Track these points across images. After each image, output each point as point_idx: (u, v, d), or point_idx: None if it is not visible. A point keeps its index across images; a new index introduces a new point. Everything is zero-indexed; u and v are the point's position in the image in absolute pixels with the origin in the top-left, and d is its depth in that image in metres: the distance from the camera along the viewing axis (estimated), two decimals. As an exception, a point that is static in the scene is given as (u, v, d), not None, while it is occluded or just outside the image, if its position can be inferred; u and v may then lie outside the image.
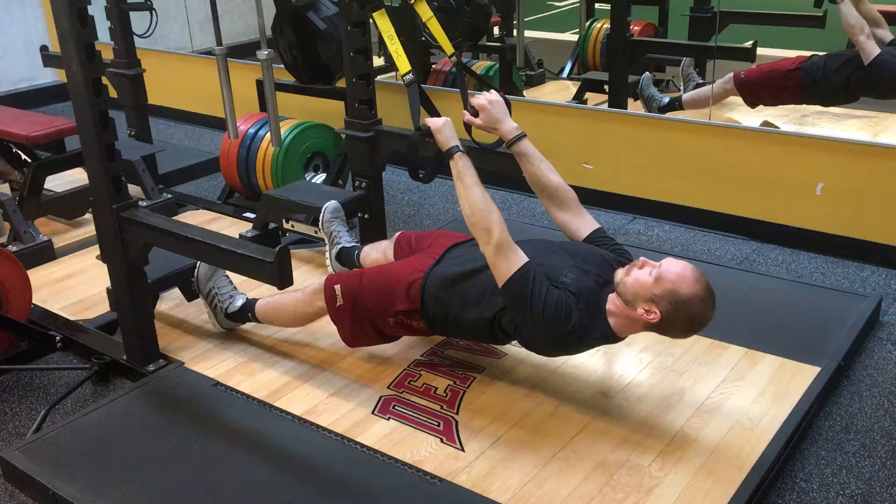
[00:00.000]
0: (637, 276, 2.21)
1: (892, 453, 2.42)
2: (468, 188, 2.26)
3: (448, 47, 2.57)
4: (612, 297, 2.26)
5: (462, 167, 2.30)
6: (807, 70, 4.31)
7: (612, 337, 2.28)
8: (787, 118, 4.57)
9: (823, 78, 4.26)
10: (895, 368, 2.83)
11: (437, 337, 2.87)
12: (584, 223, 2.52)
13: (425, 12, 2.70)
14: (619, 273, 2.26)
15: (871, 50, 4.06)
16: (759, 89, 4.46)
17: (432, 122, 2.40)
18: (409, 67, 2.59)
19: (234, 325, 2.94)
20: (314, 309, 2.68)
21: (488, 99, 2.46)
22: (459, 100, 2.62)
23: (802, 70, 4.32)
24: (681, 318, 2.17)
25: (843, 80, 4.20)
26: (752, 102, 4.53)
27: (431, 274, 2.50)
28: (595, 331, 2.24)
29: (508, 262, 2.20)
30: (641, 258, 2.27)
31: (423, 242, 2.77)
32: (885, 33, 4.18)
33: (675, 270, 2.17)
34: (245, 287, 2.95)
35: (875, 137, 4.20)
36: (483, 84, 2.76)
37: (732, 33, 4.95)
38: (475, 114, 2.48)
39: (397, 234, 2.93)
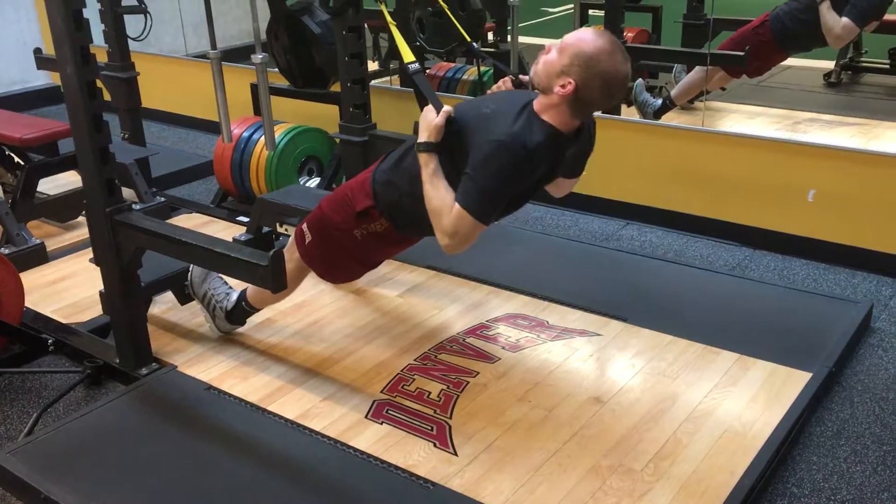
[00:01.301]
0: (544, 59, 2.21)
1: (883, 459, 2.43)
2: (423, 185, 2.26)
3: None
4: (536, 100, 2.24)
5: (421, 164, 2.28)
6: (774, 18, 4.41)
7: (556, 133, 2.20)
8: (779, 125, 4.60)
9: (792, 20, 4.33)
10: (886, 374, 2.84)
11: (431, 341, 2.88)
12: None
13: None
14: (532, 69, 2.25)
15: (852, 31, 4.17)
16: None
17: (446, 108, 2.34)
18: (412, 57, 2.58)
19: (232, 327, 2.93)
20: (294, 264, 2.64)
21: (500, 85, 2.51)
22: (454, 104, 2.61)
23: (770, 20, 4.42)
24: (594, 77, 2.13)
25: (813, 17, 4.26)
26: (736, 72, 4.55)
27: (378, 167, 2.52)
28: (534, 135, 2.17)
29: (462, 222, 2.17)
30: (546, 44, 2.25)
31: None
32: None
33: (574, 35, 2.18)
34: (239, 287, 2.95)
35: (867, 144, 4.22)
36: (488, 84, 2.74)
37: (725, 40, 4.96)
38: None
39: None
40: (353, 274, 2.69)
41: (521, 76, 2.52)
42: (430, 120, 2.28)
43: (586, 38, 2.15)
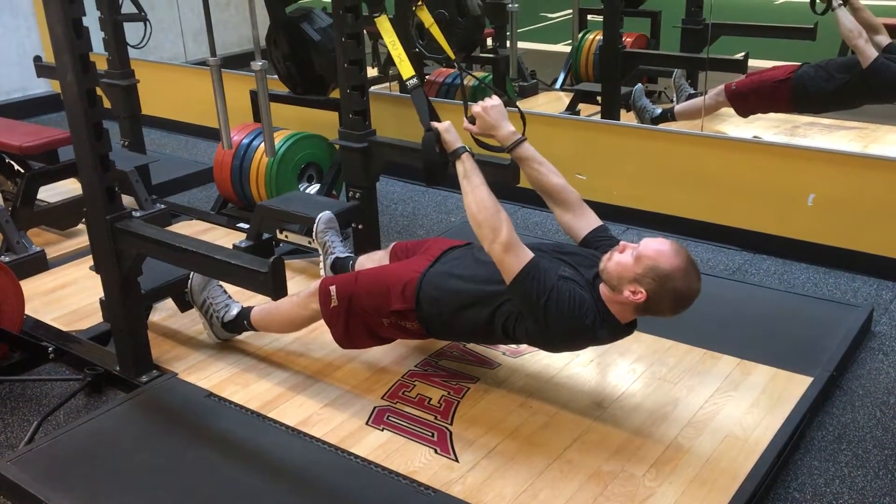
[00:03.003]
0: (618, 259, 2.22)
1: (884, 463, 2.43)
2: (476, 187, 2.29)
3: (450, 53, 2.58)
4: (601, 287, 2.27)
5: (469, 167, 2.33)
6: (798, 79, 4.34)
7: (616, 325, 2.27)
8: (778, 129, 4.60)
9: (815, 87, 4.29)
10: (887, 378, 2.84)
11: (432, 347, 2.87)
12: (586, 223, 2.52)
13: (427, 18, 2.71)
14: (603, 260, 2.27)
15: (870, 53, 4.09)
16: (751, 100, 4.49)
17: (440, 125, 2.43)
18: (412, 72, 2.59)
19: (229, 335, 2.93)
20: (309, 312, 2.67)
21: (483, 106, 2.43)
22: (456, 110, 2.63)
23: (794, 79, 4.35)
24: (667, 293, 2.17)
25: (836, 87, 4.22)
26: (744, 113, 4.56)
27: (427, 274, 2.50)
28: (602, 320, 2.24)
29: (517, 258, 2.21)
30: (622, 241, 2.28)
31: (419, 248, 2.78)
32: (884, 38, 4.21)
33: (654, 247, 2.19)
34: (240, 297, 2.95)
35: (866, 148, 4.22)
36: (490, 89, 2.74)
37: (724, 45, 4.98)
38: (473, 121, 2.47)
39: (393, 244, 2.94)
40: (366, 345, 2.69)
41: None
42: (447, 127, 2.40)
43: (665, 254, 2.18)
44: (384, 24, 2.73)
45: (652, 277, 2.16)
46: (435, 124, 2.45)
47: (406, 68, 2.60)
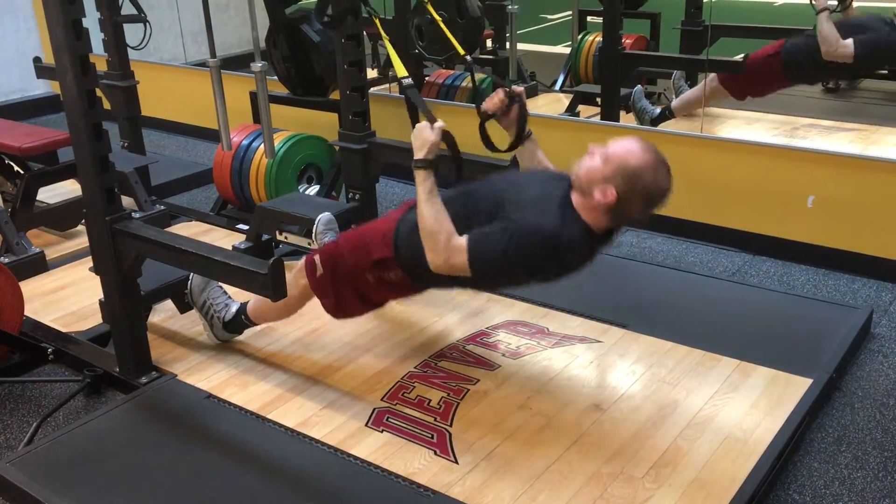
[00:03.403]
0: (587, 162, 2.21)
1: (884, 465, 2.43)
2: (419, 203, 2.28)
3: (401, 70, 2.57)
4: (573, 196, 2.24)
5: (417, 181, 2.30)
6: (787, 51, 4.38)
7: (591, 233, 2.22)
8: (777, 131, 4.60)
9: (805, 55, 4.32)
10: (886, 380, 2.84)
11: (431, 348, 2.88)
12: None
13: (433, 12, 2.71)
14: (574, 167, 2.26)
15: (848, 52, 4.12)
16: (744, 79, 4.49)
17: (438, 124, 2.37)
18: (405, 72, 2.59)
19: (230, 336, 2.93)
20: (299, 289, 2.65)
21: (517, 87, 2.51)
22: (455, 111, 2.63)
23: (783, 51, 4.39)
24: (637, 191, 2.15)
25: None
26: (739, 94, 4.56)
27: (404, 218, 2.50)
28: (570, 228, 2.19)
29: (456, 257, 2.20)
30: (591, 145, 2.26)
31: (401, 205, 2.78)
32: None
33: (622, 146, 2.18)
34: (239, 298, 2.95)
35: (865, 150, 4.22)
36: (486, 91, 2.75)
37: (723, 46, 4.98)
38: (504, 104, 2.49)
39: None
40: (358, 311, 2.68)
41: (513, 87, 2.52)
42: (427, 137, 2.30)
43: (633, 150, 2.16)
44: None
45: (621, 176, 2.14)
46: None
47: (400, 67, 2.60)
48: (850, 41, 4.12)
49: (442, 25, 2.65)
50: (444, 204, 2.28)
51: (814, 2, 4.23)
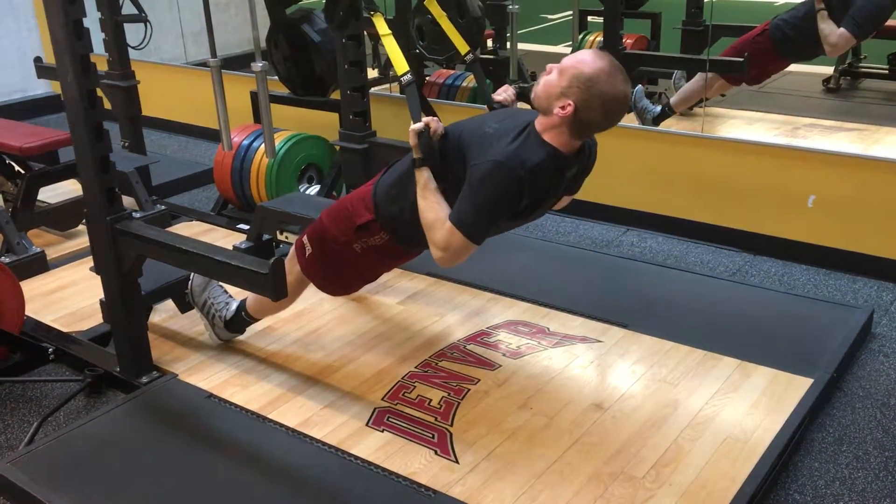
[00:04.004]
0: (544, 80, 2.20)
1: (885, 465, 2.43)
2: (417, 200, 2.29)
3: (462, 46, 2.58)
4: (536, 121, 2.23)
5: (416, 178, 2.31)
6: (774, 27, 4.40)
7: (558, 154, 2.20)
8: (778, 131, 4.60)
9: (793, 29, 4.33)
10: (887, 380, 2.84)
11: (432, 348, 2.88)
12: None
13: (436, 10, 2.71)
14: (533, 90, 2.25)
15: (846, 43, 4.16)
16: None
17: (413, 126, 2.36)
18: (406, 68, 2.59)
19: (231, 335, 2.93)
20: (294, 276, 2.64)
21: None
22: (456, 111, 2.64)
23: (770, 28, 4.42)
24: (594, 98, 2.13)
25: (814, 26, 4.24)
26: (736, 80, 4.56)
27: (380, 180, 2.51)
28: (532, 153, 2.17)
29: (455, 239, 2.19)
30: (548, 65, 2.25)
31: None
32: None
33: (574, 57, 2.17)
34: (241, 297, 2.95)
35: (866, 150, 4.22)
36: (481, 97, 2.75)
37: (724, 46, 4.97)
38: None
39: None
40: (352, 287, 2.70)
41: (521, 83, 2.53)
42: (411, 137, 2.32)
43: (586, 59, 2.15)
44: (379, 21, 2.74)
45: (577, 86, 2.13)
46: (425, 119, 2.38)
47: (401, 64, 2.60)
48: (843, 30, 4.13)
49: (447, 23, 2.65)
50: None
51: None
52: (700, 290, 3.34)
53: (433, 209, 2.25)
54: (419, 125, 2.32)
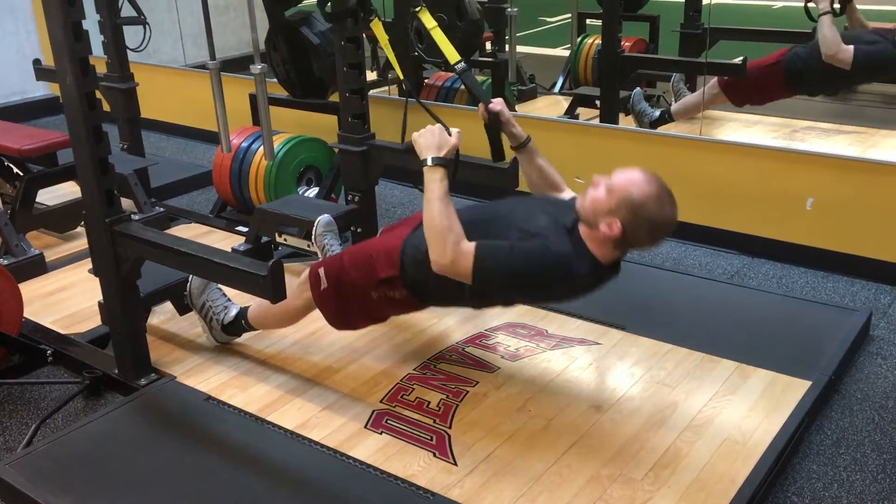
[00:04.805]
0: (592, 194, 2.22)
1: (883, 467, 2.43)
2: (428, 202, 2.27)
3: (453, 55, 2.59)
4: (580, 227, 2.26)
5: (426, 180, 2.30)
6: (788, 60, 4.38)
7: (596, 264, 2.24)
8: (776, 134, 4.61)
9: (806, 66, 4.32)
10: (885, 383, 2.84)
11: (430, 350, 2.88)
12: (566, 196, 2.56)
13: (429, 21, 2.72)
14: (578, 199, 2.27)
15: (847, 58, 4.12)
16: (744, 86, 4.50)
17: (416, 133, 2.39)
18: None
19: (229, 338, 2.93)
20: (303, 301, 2.66)
21: (501, 102, 2.53)
22: (455, 113, 2.64)
23: (784, 61, 4.39)
24: (642, 222, 2.16)
25: (827, 66, 4.23)
26: (739, 101, 4.57)
27: (410, 237, 2.50)
28: (581, 261, 2.22)
29: (465, 258, 2.20)
30: (595, 176, 2.27)
31: (403, 222, 2.79)
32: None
33: (625, 177, 2.18)
34: (239, 300, 2.95)
35: (864, 153, 4.23)
36: (479, 98, 2.74)
37: (722, 49, 4.99)
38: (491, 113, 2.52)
39: (382, 228, 2.96)
40: (360, 326, 2.71)
41: (490, 104, 2.52)
42: (446, 138, 2.32)
43: (636, 181, 2.17)
44: (378, 28, 2.74)
45: (626, 208, 2.15)
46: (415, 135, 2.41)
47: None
48: (851, 47, 4.13)
49: (439, 34, 2.64)
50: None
51: (812, 5, 4.24)
52: (698, 292, 3.34)
53: (450, 218, 2.23)
54: (458, 131, 2.34)
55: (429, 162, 2.30)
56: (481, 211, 2.52)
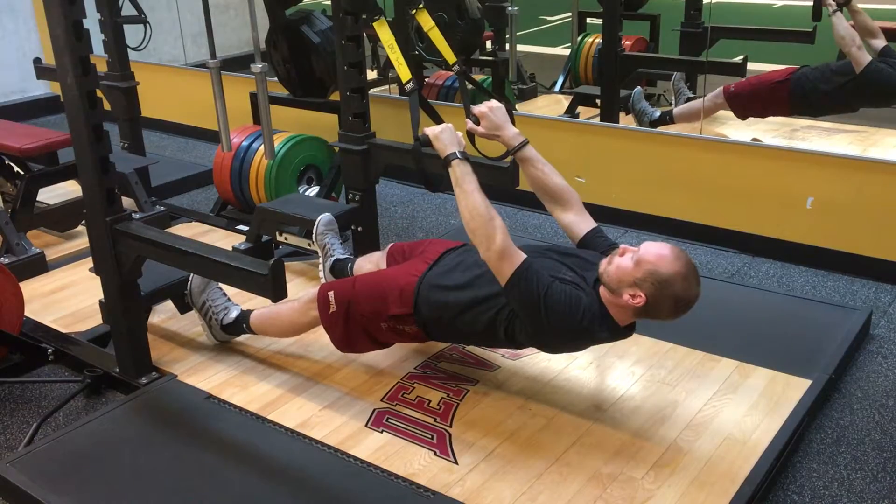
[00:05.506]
0: (618, 262, 2.22)
1: (883, 466, 2.43)
2: (468, 194, 2.24)
3: (450, 56, 2.58)
4: (601, 289, 2.27)
5: (460, 173, 2.27)
6: (795, 81, 4.37)
7: (615, 328, 2.28)
8: (777, 132, 4.61)
9: (812, 88, 4.32)
10: (885, 381, 2.84)
11: (431, 349, 2.88)
12: (585, 224, 2.53)
13: (427, 22, 2.71)
14: (603, 263, 2.27)
15: (863, 59, 4.12)
16: (749, 101, 4.51)
17: (430, 130, 2.38)
18: (409, 76, 2.59)
19: (228, 337, 2.93)
20: (308, 318, 2.68)
21: (489, 106, 2.45)
22: (456, 112, 2.64)
23: (791, 81, 4.38)
24: (666, 298, 2.18)
25: (833, 89, 4.24)
26: (742, 115, 4.57)
27: (426, 277, 2.50)
28: (603, 322, 2.25)
29: (511, 262, 2.20)
30: (622, 245, 2.29)
31: (415, 250, 2.78)
32: (880, 42, 4.24)
33: (654, 251, 2.19)
34: (238, 298, 2.95)
35: (865, 152, 4.23)
36: (483, 94, 2.74)
37: (723, 48, 4.99)
38: (477, 122, 2.46)
39: (390, 244, 2.95)
40: (365, 349, 2.71)
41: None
42: (460, 136, 2.33)
43: (665, 258, 2.18)
44: (382, 28, 2.74)
45: (651, 282, 2.16)
46: (426, 130, 2.39)
47: (404, 71, 2.61)
48: (870, 57, 4.13)
49: (437, 34, 2.64)
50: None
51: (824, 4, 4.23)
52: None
53: (489, 208, 2.21)
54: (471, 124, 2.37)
55: (458, 156, 2.29)
56: None
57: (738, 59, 4.59)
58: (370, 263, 2.95)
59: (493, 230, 2.19)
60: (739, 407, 2.56)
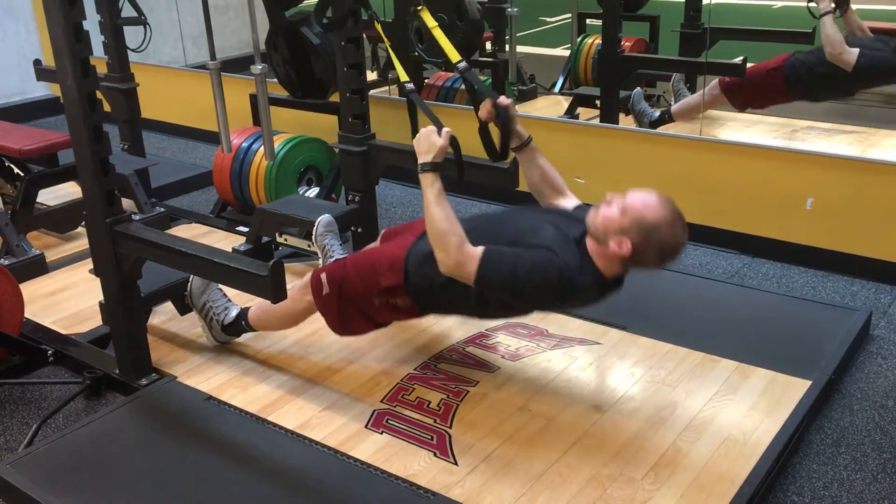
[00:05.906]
0: (604, 211, 2.22)
1: (883, 467, 2.43)
2: (427, 206, 2.28)
3: (454, 55, 2.58)
4: (587, 241, 2.27)
5: (424, 185, 2.30)
6: (789, 66, 4.39)
7: (602, 280, 2.26)
8: (777, 133, 4.61)
9: (808, 72, 4.33)
10: (885, 382, 2.84)
11: (431, 350, 2.88)
12: (574, 202, 2.56)
13: (430, 20, 2.71)
14: (590, 214, 2.28)
15: (851, 60, 4.13)
16: (745, 90, 4.51)
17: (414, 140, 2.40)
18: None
19: (228, 338, 2.93)
20: (304, 305, 2.67)
21: (508, 100, 2.51)
22: (456, 113, 2.64)
23: (785, 66, 4.40)
24: (652, 245, 2.17)
25: (829, 72, 4.24)
26: (740, 105, 4.57)
27: (415, 248, 2.50)
28: (585, 274, 2.23)
29: (470, 264, 2.21)
30: (609, 193, 2.28)
31: (406, 228, 2.79)
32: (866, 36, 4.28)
33: (639, 198, 2.20)
34: (239, 300, 2.95)
35: (864, 152, 4.23)
36: (483, 95, 2.71)
37: (722, 49, 4.99)
38: (493, 115, 2.48)
39: (383, 231, 2.96)
40: (361, 331, 2.71)
41: (500, 98, 2.48)
42: (434, 142, 2.32)
43: (650, 204, 2.18)
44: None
45: (637, 229, 2.16)
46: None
47: (402, 72, 2.61)
48: (856, 49, 4.14)
49: (439, 33, 2.63)
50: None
51: (813, 5, 4.25)
52: (699, 292, 3.34)
53: (448, 220, 2.25)
54: (449, 130, 2.34)
55: (426, 168, 2.31)
56: (487, 220, 2.53)
57: (738, 59, 4.59)
58: None
59: (448, 245, 2.23)
60: (739, 408, 2.56)
